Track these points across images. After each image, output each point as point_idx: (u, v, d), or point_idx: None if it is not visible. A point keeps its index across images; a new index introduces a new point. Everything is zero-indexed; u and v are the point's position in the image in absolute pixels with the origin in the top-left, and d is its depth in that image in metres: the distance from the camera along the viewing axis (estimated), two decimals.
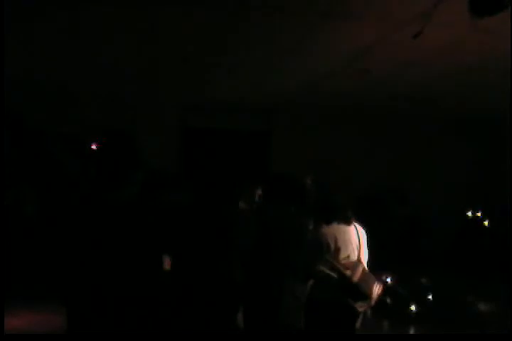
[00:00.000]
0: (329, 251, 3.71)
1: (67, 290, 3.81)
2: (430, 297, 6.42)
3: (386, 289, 5.91)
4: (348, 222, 3.82)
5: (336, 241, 3.74)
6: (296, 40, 5.09)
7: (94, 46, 5.45)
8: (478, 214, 8.36)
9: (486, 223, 8.27)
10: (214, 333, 3.46)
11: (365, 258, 3.86)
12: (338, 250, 3.74)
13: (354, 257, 3.78)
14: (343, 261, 3.73)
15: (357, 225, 3.89)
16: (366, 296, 3.69)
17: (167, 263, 3.90)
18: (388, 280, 6.30)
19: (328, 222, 3.77)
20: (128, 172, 3.84)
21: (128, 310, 3.60)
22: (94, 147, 8.73)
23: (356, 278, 3.66)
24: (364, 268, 3.76)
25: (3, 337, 4.15)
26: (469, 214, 8.42)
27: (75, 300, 3.74)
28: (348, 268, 3.68)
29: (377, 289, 3.74)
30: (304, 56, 5.64)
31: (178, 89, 7.57)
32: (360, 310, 3.73)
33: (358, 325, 3.82)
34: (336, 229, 3.78)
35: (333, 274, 3.68)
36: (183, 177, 7.88)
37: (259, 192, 4.28)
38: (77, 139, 8.77)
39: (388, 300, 6.22)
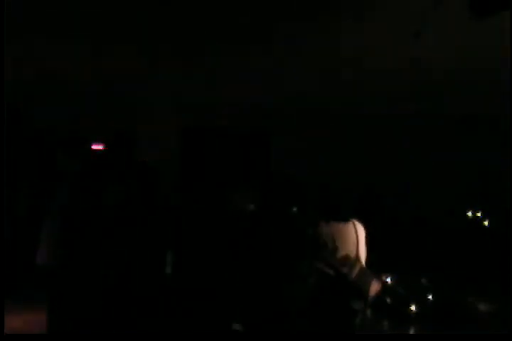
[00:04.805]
0: (327, 249, 3.72)
1: (55, 289, 3.82)
2: (430, 297, 6.40)
3: (386, 289, 5.89)
4: (347, 220, 3.83)
5: (334, 240, 3.74)
6: (296, 40, 5.09)
7: (93, 46, 5.45)
8: (478, 214, 8.35)
9: (486, 223, 8.26)
10: (214, 333, 3.46)
11: (363, 255, 3.87)
12: (336, 248, 3.74)
13: (352, 255, 3.79)
14: (341, 259, 3.73)
15: (355, 222, 3.90)
16: (363, 294, 3.69)
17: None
18: (388, 280, 6.29)
19: (327, 221, 3.78)
20: (127, 174, 3.85)
21: (126, 309, 3.61)
22: (94, 147, 8.77)
23: (353, 276, 3.66)
24: (362, 266, 3.77)
25: (3, 337, 4.15)
26: (469, 214, 8.41)
27: (64, 299, 3.74)
28: (345, 266, 3.69)
29: (374, 287, 3.74)
30: (303, 56, 5.64)
31: (179, 89, 7.57)
32: (357, 308, 3.73)
33: (357, 322, 3.82)
34: (335, 227, 3.79)
35: (331, 272, 3.68)
36: (182, 177, 7.90)
37: (258, 192, 4.29)
38: (77, 139, 8.79)
39: (388, 300, 6.21)
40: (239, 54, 5.64)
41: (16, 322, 5.07)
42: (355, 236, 3.83)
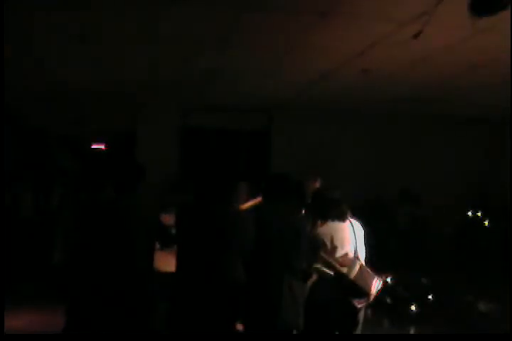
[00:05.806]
0: (325, 249, 3.72)
1: (67, 288, 3.82)
2: (430, 297, 6.41)
3: (386, 289, 5.91)
4: (344, 218, 3.83)
5: (332, 240, 3.75)
6: (296, 39, 5.09)
7: (94, 46, 5.45)
8: (478, 214, 8.36)
9: (486, 223, 8.27)
10: (213, 333, 3.45)
11: (362, 253, 3.87)
12: (334, 248, 3.74)
13: (351, 254, 3.79)
14: (340, 259, 3.73)
15: (353, 221, 3.89)
16: (364, 293, 3.69)
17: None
18: (388, 280, 6.30)
19: (324, 219, 3.78)
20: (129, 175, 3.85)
21: (127, 309, 3.61)
22: (94, 147, 8.80)
23: (353, 275, 3.66)
24: (362, 265, 3.76)
25: (3, 337, 4.15)
26: (469, 214, 8.42)
27: (75, 299, 3.75)
28: (344, 266, 3.69)
29: (376, 285, 3.74)
30: (303, 56, 5.64)
31: (179, 89, 7.57)
32: (359, 306, 3.73)
33: (360, 319, 3.82)
34: (332, 227, 3.79)
35: (330, 272, 3.68)
36: (183, 177, 7.91)
37: (257, 192, 4.29)
38: (77, 139, 8.81)
39: (388, 300, 6.22)
40: (238, 54, 5.64)
41: (16, 322, 5.08)
42: (353, 234, 3.83)
